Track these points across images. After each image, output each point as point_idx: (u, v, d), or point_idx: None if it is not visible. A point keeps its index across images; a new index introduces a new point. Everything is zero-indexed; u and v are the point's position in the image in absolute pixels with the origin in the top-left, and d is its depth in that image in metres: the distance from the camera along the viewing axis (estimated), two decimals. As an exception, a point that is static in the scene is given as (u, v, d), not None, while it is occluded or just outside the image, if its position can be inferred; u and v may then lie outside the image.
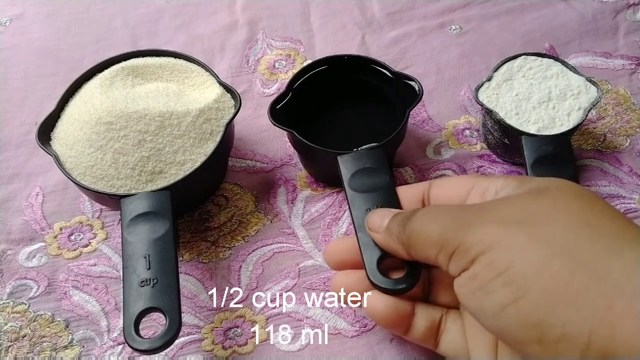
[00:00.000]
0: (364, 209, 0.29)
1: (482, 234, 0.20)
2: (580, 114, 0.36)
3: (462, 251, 0.21)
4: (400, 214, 0.25)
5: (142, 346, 0.26)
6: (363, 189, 0.30)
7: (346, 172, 0.31)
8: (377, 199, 0.29)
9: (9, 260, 0.35)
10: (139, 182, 0.32)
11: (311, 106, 0.38)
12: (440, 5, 0.51)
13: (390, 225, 0.25)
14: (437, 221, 0.22)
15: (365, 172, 0.31)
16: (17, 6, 0.52)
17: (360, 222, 0.28)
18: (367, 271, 0.26)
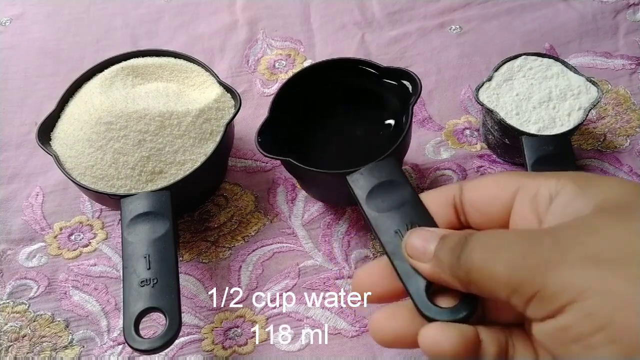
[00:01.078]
0: (392, 232, 0.24)
1: (570, 277, 0.17)
2: (580, 114, 0.36)
3: (544, 297, 0.17)
4: (449, 239, 0.21)
5: (142, 346, 0.26)
6: (385, 207, 0.25)
7: (360, 192, 0.27)
8: (405, 216, 0.25)
9: (9, 260, 0.35)
10: (139, 182, 0.32)
11: (301, 124, 0.35)
12: (441, 5, 0.51)
13: (439, 255, 0.21)
14: (503, 258, 0.19)
15: (383, 187, 0.27)
16: (17, 6, 0.52)
17: (392, 247, 0.23)
18: (417, 304, 0.22)
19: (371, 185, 0.27)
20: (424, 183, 0.38)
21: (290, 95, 0.35)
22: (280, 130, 0.33)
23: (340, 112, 0.36)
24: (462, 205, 0.24)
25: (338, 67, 0.35)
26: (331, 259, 0.35)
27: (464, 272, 0.20)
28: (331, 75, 0.35)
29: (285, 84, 0.35)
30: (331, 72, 0.35)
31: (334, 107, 0.36)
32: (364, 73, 0.35)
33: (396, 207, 0.25)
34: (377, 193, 0.27)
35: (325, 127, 0.35)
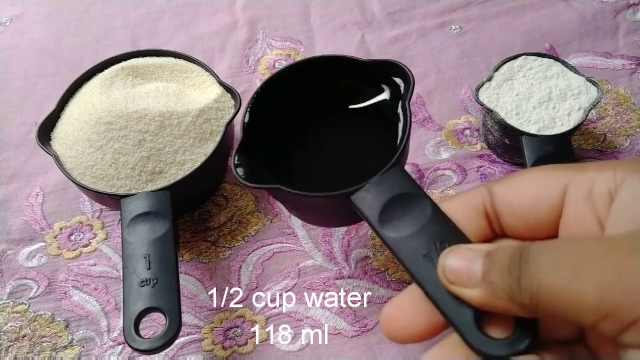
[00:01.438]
0: (419, 256, 0.20)
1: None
2: (580, 114, 0.36)
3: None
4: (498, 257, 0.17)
5: (142, 346, 0.26)
6: (405, 228, 0.21)
7: (371, 212, 0.22)
8: (431, 235, 0.21)
9: (9, 260, 0.35)
10: (139, 182, 0.32)
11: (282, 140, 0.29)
12: (441, 5, 0.51)
13: (490, 278, 0.17)
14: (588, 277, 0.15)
15: (396, 203, 0.22)
16: (17, 6, 0.52)
17: (424, 275, 0.20)
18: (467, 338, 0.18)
19: (382, 202, 0.22)
20: (424, 183, 0.38)
21: (263, 108, 0.29)
22: (259, 150, 0.28)
23: (324, 120, 0.30)
24: (496, 212, 0.20)
25: (314, 68, 0.29)
26: (331, 259, 0.35)
27: (528, 297, 0.16)
28: (308, 79, 0.30)
29: (254, 97, 0.29)
30: (307, 75, 0.30)
31: (316, 115, 0.30)
32: (346, 72, 0.29)
33: (418, 226, 0.21)
34: (391, 211, 0.22)
35: (311, 140, 0.30)
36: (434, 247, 0.20)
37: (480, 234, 0.21)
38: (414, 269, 0.20)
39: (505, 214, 0.20)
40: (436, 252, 0.20)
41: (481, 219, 0.20)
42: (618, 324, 0.15)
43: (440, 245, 0.20)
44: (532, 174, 0.20)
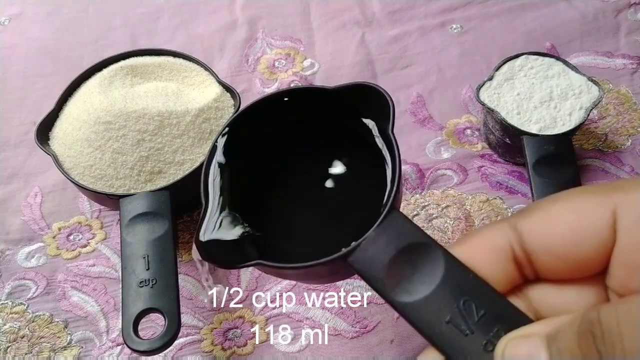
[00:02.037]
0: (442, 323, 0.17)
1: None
2: (581, 114, 0.36)
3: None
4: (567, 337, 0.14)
5: (141, 347, 0.26)
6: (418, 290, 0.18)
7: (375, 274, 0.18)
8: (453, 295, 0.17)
9: (8, 261, 0.35)
10: (138, 182, 0.32)
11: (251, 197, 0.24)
12: (441, 4, 0.51)
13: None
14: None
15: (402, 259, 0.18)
16: (16, 5, 0.52)
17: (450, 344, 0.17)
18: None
19: (386, 260, 0.18)
20: (425, 183, 0.38)
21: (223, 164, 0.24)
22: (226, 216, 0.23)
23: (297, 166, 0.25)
24: (527, 253, 0.17)
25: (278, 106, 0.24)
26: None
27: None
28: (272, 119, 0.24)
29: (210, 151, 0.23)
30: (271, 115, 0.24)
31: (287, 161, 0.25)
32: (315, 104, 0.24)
33: (433, 284, 0.18)
34: (398, 270, 0.18)
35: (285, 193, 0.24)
36: (458, 310, 0.17)
37: (508, 282, 0.18)
38: (438, 339, 0.17)
39: (540, 254, 0.17)
40: (461, 315, 0.17)
41: (508, 264, 0.17)
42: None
43: (465, 305, 0.17)
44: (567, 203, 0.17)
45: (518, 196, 0.37)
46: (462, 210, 0.36)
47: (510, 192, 0.38)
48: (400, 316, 0.18)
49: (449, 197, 0.37)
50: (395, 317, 0.32)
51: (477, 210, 0.37)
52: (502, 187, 0.38)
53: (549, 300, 0.18)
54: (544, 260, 0.17)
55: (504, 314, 0.17)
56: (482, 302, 0.17)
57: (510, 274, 0.18)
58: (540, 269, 0.17)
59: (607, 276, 0.17)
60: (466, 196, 0.37)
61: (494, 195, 0.37)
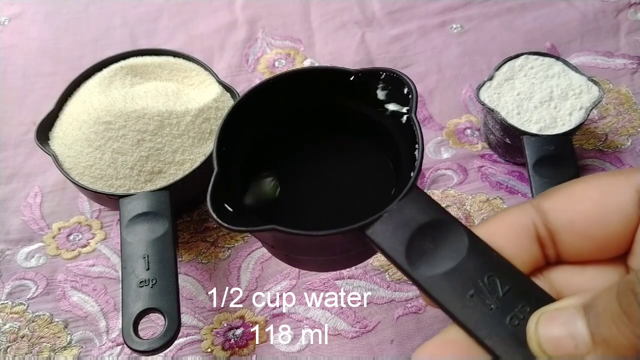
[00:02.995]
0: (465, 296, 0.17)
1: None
2: (582, 114, 0.36)
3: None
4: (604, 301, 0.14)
5: (141, 347, 0.26)
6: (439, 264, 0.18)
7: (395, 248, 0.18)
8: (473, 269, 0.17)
9: (8, 261, 0.35)
10: (138, 181, 0.32)
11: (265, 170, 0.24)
12: (441, 4, 0.51)
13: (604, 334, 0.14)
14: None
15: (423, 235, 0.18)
16: (15, 5, 0.52)
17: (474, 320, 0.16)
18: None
19: (406, 235, 0.18)
20: (425, 183, 0.38)
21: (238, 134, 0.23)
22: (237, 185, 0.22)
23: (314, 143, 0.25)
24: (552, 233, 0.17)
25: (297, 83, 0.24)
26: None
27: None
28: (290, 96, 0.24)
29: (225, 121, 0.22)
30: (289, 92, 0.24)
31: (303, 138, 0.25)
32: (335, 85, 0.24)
33: (456, 260, 0.17)
34: (418, 245, 0.18)
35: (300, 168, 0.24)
36: (482, 284, 0.17)
37: (531, 263, 0.18)
38: (460, 313, 0.17)
39: (565, 234, 0.17)
40: (485, 290, 0.17)
41: (532, 244, 0.17)
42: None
43: (489, 280, 0.17)
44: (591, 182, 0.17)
45: (518, 196, 0.37)
46: (462, 210, 0.36)
47: (511, 192, 0.38)
48: (421, 291, 0.18)
49: (449, 197, 0.37)
50: (396, 317, 0.32)
51: (477, 210, 0.37)
52: (502, 187, 0.38)
53: (572, 282, 0.17)
54: (568, 238, 0.17)
55: (529, 291, 0.17)
56: (507, 279, 0.17)
57: (534, 254, 0.17)
58: (563, 249, 0.17)
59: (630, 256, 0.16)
60: (466, 196, 0.37)
61: (494, 195, 0.37)
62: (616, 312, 0.13)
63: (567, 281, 0.18)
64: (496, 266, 0.17)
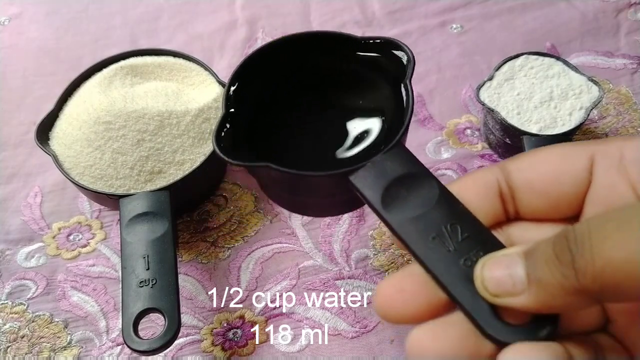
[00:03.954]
0: (428, 238, 0.19)
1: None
2: (581, 114, 0.36)
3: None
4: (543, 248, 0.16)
5: (141, 347, 0.26)
6: (410, 209, 0.20)
7: (373, 194, 0.21)
8: (438, 216, 0.19)
9: (8, 261, 0.35)
10: (138, 181, 0.32)
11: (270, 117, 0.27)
12: (441, 4, 0.51)
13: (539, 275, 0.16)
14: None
15: (399, 184, 0.21)
16: (15, 5, 0.52)
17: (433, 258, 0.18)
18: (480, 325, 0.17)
19: (384, 183, 0.21)
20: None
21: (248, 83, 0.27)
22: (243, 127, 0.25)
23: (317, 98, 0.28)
24: (513, 190, 0.19)
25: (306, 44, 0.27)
26: (331, 259, 0.34)
27: (590, 280, 0.14)
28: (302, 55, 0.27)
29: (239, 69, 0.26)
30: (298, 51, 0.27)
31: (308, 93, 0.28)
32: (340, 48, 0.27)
33: (425, 207, 0.20)
34: (394, 192, 0.20)
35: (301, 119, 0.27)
36: (444, 229, 0.19)
37: (493, 216, 0.19)
38: (421, 252, 0.19)
39: (524, 191, 0.19)
40: (447, 234, 0.19)
41: (495, 199, 0.19)
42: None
43: (451, 227, 0.19)
44: (553, 149, 0.19)
45: (518, 196, 0.37)
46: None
47: (511, 192, 0.37)
48: (392, 233, 0.20)
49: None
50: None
51: (477, 210, 0.36)
52: (502, 187, 0.38)
53: (526, 237, 0.19)
54: (526, 196, 0.19)
55: (485, 239, 0.19)
56: (467, 227, 0.19)
57: (496, 209, 0.19)
58: (521, 206, 0.19)
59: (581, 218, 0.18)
60: (466, 196, 0.37)
61: (494, 195, 0.37)
62: (550, 256, 0.15)
63: (523, 235, 0.19)
64: (459, 216, 0.19)
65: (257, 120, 0.26)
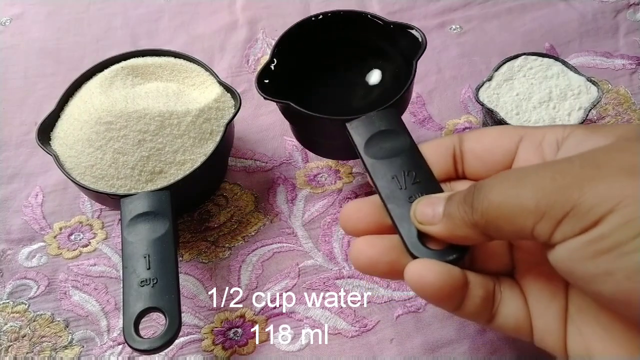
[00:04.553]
0: (389, 177, 0.25)
1: (607, 189, 0.17)
2: (580, 114, 0.36)
3: (579, 213, 0.17)
4: (456, 195, 0.21)
5: (141, 346, 0.26)
6: (383, 155, 0.26)
7: (359, 139, 0.27)
8: (402, 164, 0.25)
9: (9, 260, 0.35)
10: (139, 181, 0.32)
11: (305, 73, 0.35)
12: (441, 5, 0.51)
13: (450, 210, 0.21)
14: (528, 185, 0.18)
15: (382, 136, 0.27)
16: (17, 6, 0.52)
17: (387, 192, 0.25)
18: (407, 245, 0.23)
19: (370, 133, 0.27)
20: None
21: (292, 44, 0.34)
22: (282, 77, 0.33)
23: (344, 64, 0.36)
24: (462, 154, 0.24)
25: (342, 19, 0.35)
26: (331, 259, 0.35)
27: (480, 215, 0.19)
28: (335, 27, 0.35)
29: (287, 31, 0.34)
30: (335, 24, 0.35)
31: (338, 59, 0.36)
32: (369, 27, 0.35)
33: (394, 155, 0.26)
34: (375, 141, 0.27)
35: (329, 78, 0.35)
36: (402, 173, 0.25)
37: (446, 172, 0.25)
38: (381, 186, 0.25)
39: (469, 156, 0.24)
40: (403, 177, 0.25)
41: (449, 159, 0.25)
42: (553, 221, 0.18)
43: (408, 173, 0.25)
44: (497, 128, 0.24)
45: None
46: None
47: (510, 192, 0.38)
48: (364, 171, 0.26)
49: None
50: (395, 316, 0.32)
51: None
52: (502, 187, 0.38)
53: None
54: (470, 160, 0.24)
55: (431, 186, 0.24)
56: (421, 175, 0.25)
57: (448, 166, 0.25)
58: (466, 167, 0.25)
59: None
60: (465, 196, 0.37)
61: (494, 195, 0.37)
62: (460, 198, 0.21)
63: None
64: (418, 166, 0.25)
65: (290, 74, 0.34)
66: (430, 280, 0.21)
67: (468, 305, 0.22)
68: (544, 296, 0.22)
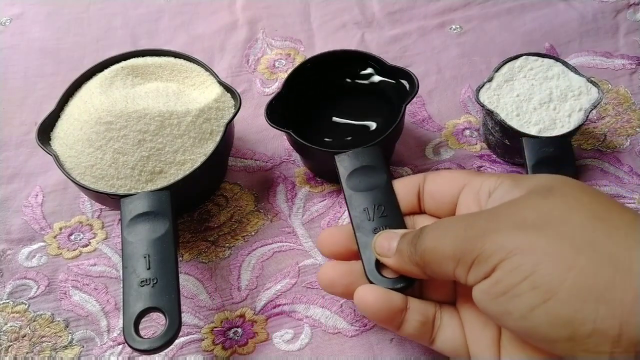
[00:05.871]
0: (361, 209, 0.29)
1: (502, 240, 0.20)
2: (581, 115, 0.36)
3: (481, 260, 0.21)
4: (409, 234, 0.25)
5: (141, 346, 0.26)
6: (360, 187, 0.30)
7: (343, 171, 0.31)
8: (375, 198, 0.29)
9: (9, 260, 0.35)
10: (139, 181, 0.32)
11: (308, 104, 0.39)
12: (441, 5, 0.51)
13: (400, 247, 0.25)
14: (449, 235, 0.22)
15: (363, 170, 0.31)
16: (17, 6, 0.52)
17: (358, 221, 0.28)
18: (366, 271, 0.27)
19: (354, 167, 0.31)
20: (424, 183, 0.38)
21: (300, 78, 0.38)
22: (290, 105, 0.37)
23: (343, 100, 0.39)
24: (423, 193, 0.28)
25: (345, 58, 0.39)
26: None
27: (420, 257, 0.23)
28: (338, 64, 0.39)
29: (298, 67, 0.38)
30: (338, 61, 0.39)
31: (337, 94, 0.39)
32: (374, 67, 0.39)
33: (370, 189, 0.29)
34: (357, 174, 0.31)
35: (327, 112, 0.39)
36: (374, 206, 0.29)
37: (411, 207, 0.29)
38: (353, 216, 0.29)
39: (427, 195, 0.28)
40: (373, 209, 0.29)
41: (414, 197, 0.29)
42: (466, 266, 0.21)
43: (378, 207, 0.29)
44: (451, 173, 0.28)
45: (517, 196, 0.37)
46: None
47: (510, 192, 0.38)
48: (345, 200, 0.30)
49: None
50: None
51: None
52: (501, 187, 0.38)
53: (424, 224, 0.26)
54: (427, 200, 0.28)
55: (396, 221, 0.28)
56: (388, 210, 0.29)
57: (413, 203, 0.29)
58: (424, 205, 0.28)
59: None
60: (465, 196, 0.37)
61: (493, 195, 0.37)
62: (410, 238, 0.25)
63: (422, 223, 0.28)
64: (388, 201, 0.29)
65: (295, 106, 0.38)
66: (370, 303, 0.25)
67: (406, 328, 0.25)
68: (477, 324, 0.25)
